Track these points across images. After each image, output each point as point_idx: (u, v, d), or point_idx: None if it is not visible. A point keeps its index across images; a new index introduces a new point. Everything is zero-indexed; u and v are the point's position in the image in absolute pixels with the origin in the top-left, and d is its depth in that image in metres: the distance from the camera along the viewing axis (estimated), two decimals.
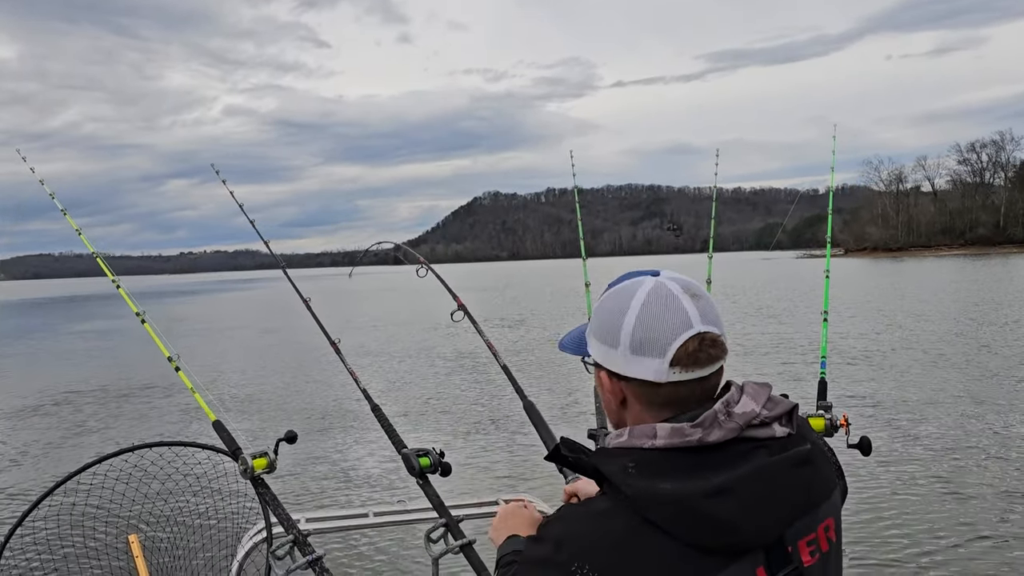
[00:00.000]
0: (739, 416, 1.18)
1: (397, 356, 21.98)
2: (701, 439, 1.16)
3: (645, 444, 1.19)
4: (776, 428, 1.22)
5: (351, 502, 8.34)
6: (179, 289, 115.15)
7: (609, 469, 1.17)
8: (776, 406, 1.23)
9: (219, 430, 2.57)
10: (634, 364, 1.22)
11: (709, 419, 1.17)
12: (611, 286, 1.31)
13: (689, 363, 1.19)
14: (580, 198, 4.16)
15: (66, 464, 10.04)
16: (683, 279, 1.27)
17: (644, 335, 1.20)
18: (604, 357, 1.28)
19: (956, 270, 62.13)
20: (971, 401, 12.57)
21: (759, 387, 1.25)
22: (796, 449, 1.22)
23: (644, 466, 1.16)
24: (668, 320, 1.20)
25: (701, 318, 1.21)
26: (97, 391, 17.36)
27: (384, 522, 2.91)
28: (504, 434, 11.64)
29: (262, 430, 12.37)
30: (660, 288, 1.24)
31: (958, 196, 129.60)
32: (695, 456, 1.16)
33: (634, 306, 1.22)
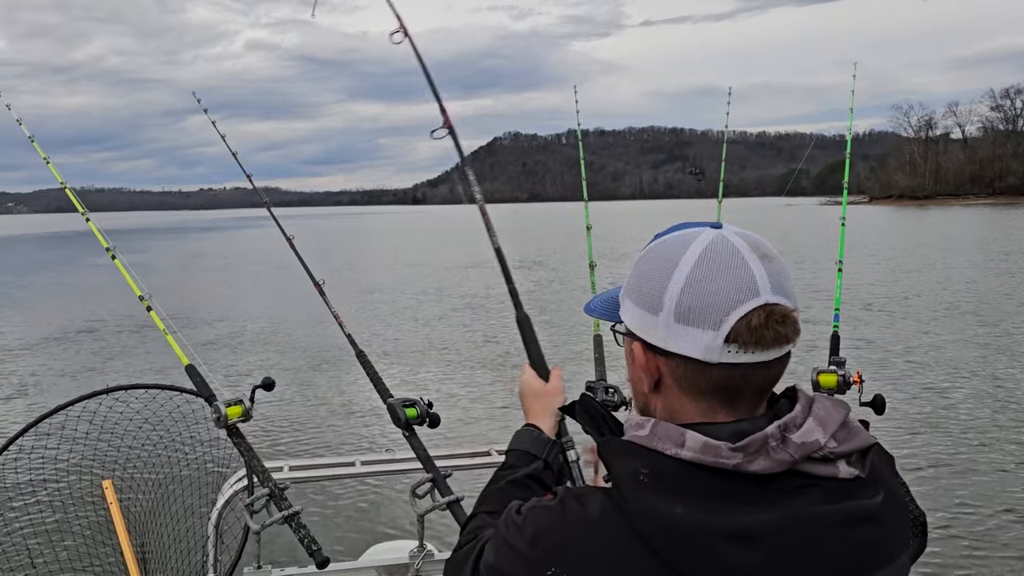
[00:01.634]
0: (795, 447, 0.93)
1: (402, 297, 21.97)
2: (739, 466, 0.92)
3: (667, 450, 0.95)
4: (841, 467, 0.96)
5: (338, 451, 8.26)
6: (198, 226, 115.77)
7: (618, 471, 0.96)
8: (849, 439, 0.97)
9: (191, 374, 2.45)
10: (678, 336, 0.97)
11: (756, 444, 0.92)
12: (658, 236, 1.06)
13: (750, 341, 0.94)
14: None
15: (42, 404, 9.95)
16: (750, 235, 1.01)
17: (695, 300, 0.95)
18: (640, 325, 1.02)
19: (982, 220, 61.10)
20: (990, 356, 12.34)
21: (833, 408, 0.99)
22: (860, 501, 0.95)
23: (659, 477, 0.93)
24: (728, 283, 0.95)
25: (771, 285, 0.96)
26: (90, 330, 17.40)
27: (370, 472, 2.80)
28: (498, 376, 11.57)
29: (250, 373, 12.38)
30: (721, 242, 0.98)
31: (989, 144, 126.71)
32: (725, 480, 0.92)
33: (685, 262, 0.97)
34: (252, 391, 2.38)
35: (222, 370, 12.46)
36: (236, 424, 2.35)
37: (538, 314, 17.86)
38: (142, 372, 12.60)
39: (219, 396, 2.44)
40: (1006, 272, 23.53)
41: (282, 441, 8.61)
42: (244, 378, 11.99)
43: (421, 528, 2.53)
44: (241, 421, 2.35)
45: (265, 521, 2.29)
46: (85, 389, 2.74)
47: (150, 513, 2.90)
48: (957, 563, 5.58)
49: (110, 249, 2.63)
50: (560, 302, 19.90)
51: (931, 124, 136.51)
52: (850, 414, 1.01)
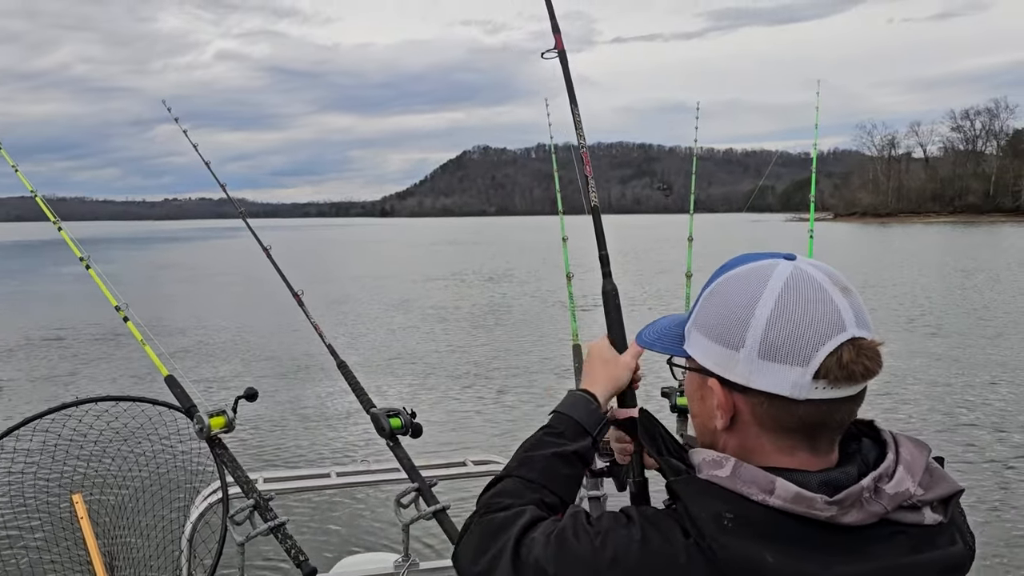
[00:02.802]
0: (889, 498, 0.92)
1: (372, 308, 21.85)
2: (832, 518, 0.90)
3: (755, 496, 0.92)
4: (927, 514, 0.95)
5: (314, 462, 8.17)
6: (163, 236, 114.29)
7: (699, 513, 0.92)
8: (934, 485, 0.97)
9: (172, 385, 2.41)
10: (763, 373, 0.94)
11: (852, 498, 0.91)
12: (726, 268, 1.03)
13: (840, 377, 0.92)
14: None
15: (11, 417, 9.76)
16: (826, 267, 0.99)
17: (782, 336, 0.92)
18: (718, 361, 0.99)
19: (942, 237, 62.36)
20: (969, 371, 12.56)
21: (917, 450, 0.98)
22: (948, 550, 0.95)
23: (746, 523, 0.90)
24: (815, 318, 0.92)
25: (856, 319, 0.94)
26: (57, 339, 17.06)
27: (348, 483, 2.78)
28: (476, 390, 11.56)
29: (223, 380, 12.20)
30: (801, 276, 0.96)
31: (949, 163, 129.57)
32: (817, 530, 0.90)
33: (768, 296, 0.94)
34: (235, 401, 2.35)
35: (195, 380, 12.27)
36: (218, 435, 2.32)
37: (516, 326, 17.90)
38: (115, 382, 12.42)
39: (199, 407, 2.41)
40: (965, 288, 24.02)
41: (256, 452, 8.50)
42: (219, 388, 11.84)
43: (406, 538, 2.51)
44: (224, 432, 2.32)
45: (249, 533, 2.26)
46: (54, 400, 2.67)
47: (121, 527, 2.83)
48: None
49: (84, 259, 2.59)
50: (537, 313, 19.94)
51: (894, 143, 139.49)
52: (931, 455, 1.00)
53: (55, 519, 2.85)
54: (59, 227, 2.68)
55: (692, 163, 4.56)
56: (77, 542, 2.83)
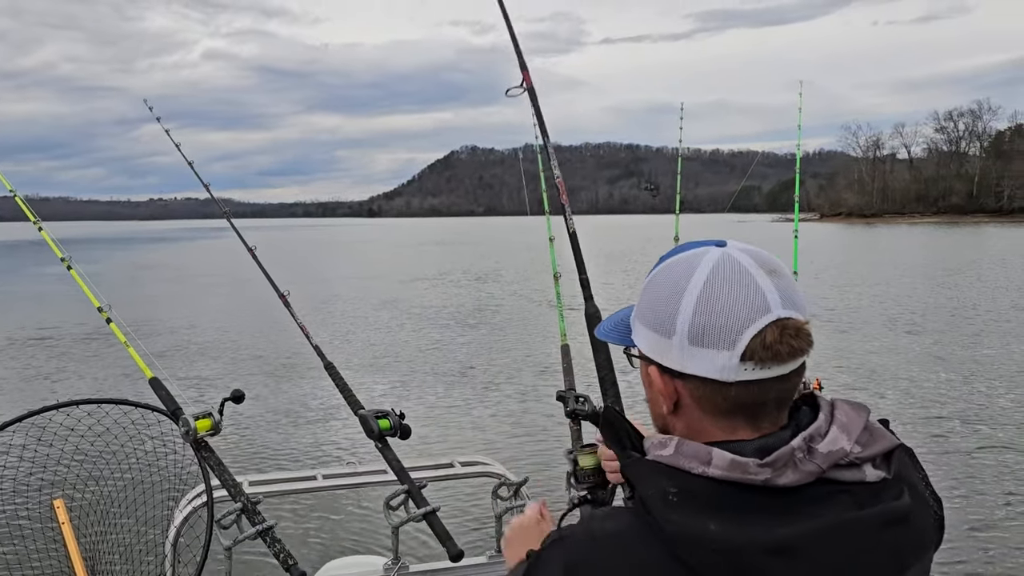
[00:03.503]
0: (822, 457, 0.94)
1: (359, 308, 21.77)
2: (768, 481, 0.92)
3: (695, 469, 0.95)
4: (868, 471, 0.97)
5: (301, 464, 8.09)
6: (148, 237, 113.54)
7: (646, 491, 0.95)
8: (873, 442, 0.98)
9: (156, 388, 2.37)
10: (694, 358, 0.97)
11: (784, 458, 0.93)
12: (664, 259, 1.06)
13: (766, 357, 0.94)
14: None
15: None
16: (756, 250, 1.02)
17: (708, 321, 0.95)
18: (655, 349, 1.02)
19: (926, 238, 62.84)
20: (946, 366, 12.70)
21: (853, 411, 1.00)
22: (891, 504, 0.96)
23: (690, 496, 0.93)
24: (739, 302, 0.95)
25: (782, 300, 0.96)
26: (39, 340, 16.91)
27: (334, 485, 2.75)
28: (463, 390, 11.53)
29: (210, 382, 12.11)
30: (728, 261, 0.98)
31: (933, 164, 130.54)
32: (757, 496, 0.92)
33: (695, 284, 0.97)
34: (221, 403, 2.33)
35: (181, 382, 12.17)
36: (205, 438, 2.29)
37: (503, 325, 17.88)
38: (97, 384, 12.27)
39: (185, 409, 2.37)
40: (949, 286, 24.21)
41: (242, 454, 8.42)
42: (207, 387, 11.75)
43: (396, 540, 2.48)
44: (210, 435, 2.29)
45: (237, 537, 2.22)
46: (36, 403, 2.62)
47: (104, 532, 2.78)
48: None
49: (65, 259, 2.55)
50: (524, 313, 19.93)
51: (878, 144, 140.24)
52: (870, 415, 1.02)
53: (36, 525, 2.80)
54: (39, 227, 2.64)
55: (679, 164, 4.55)
56: (59, 548, 2.78)
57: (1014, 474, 7.62)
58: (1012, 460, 8.07)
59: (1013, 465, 7.87)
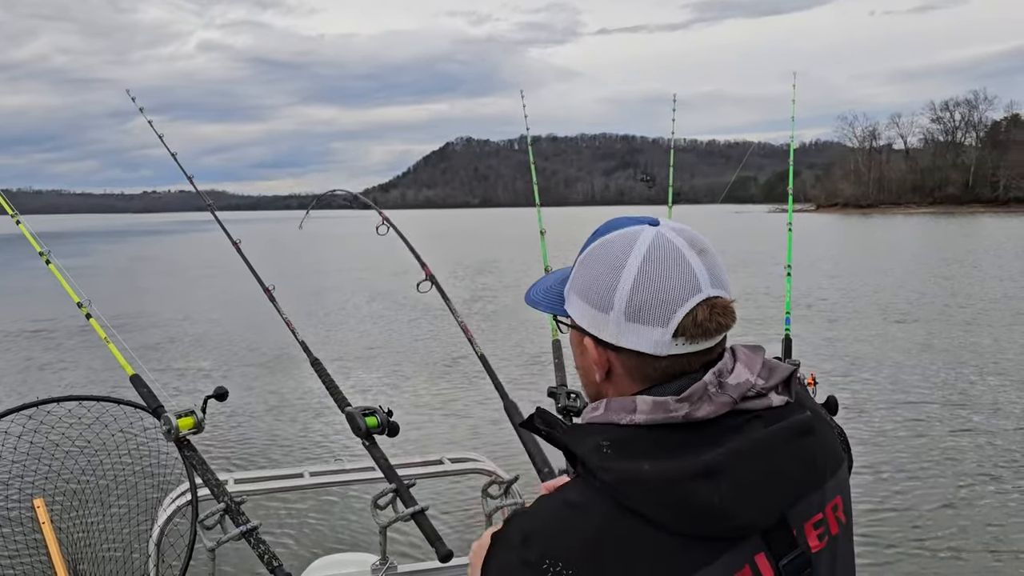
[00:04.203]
0: (732, 388, 1.02)
1: (349, 300, 21.72)
2: (688, 415, 0.99)
3: (623, 420, 1.02)
4: (773, 397, 1.05)
5: (287, 462, 7.99)
6: (141, 229, 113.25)
7: (582, 450, 1.01)
8: (772, 373, 1.07)
9: (137, 385, 2.32)
10: (629, 333, 1.03)
11: (698, 392, 1.00)
12: (599, 234, 1.10)
13: (696, 334, 1.02)
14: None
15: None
16: (686, 230, 1.07)
17: (644, 299, 1.01)
18: (591, 322, 1.08)
19: (922, 228, 62.93)
20: (934, 354, 12.78)
21: (752, 352, 1.09)
22: (795, 417, 1.05)
23: (621, 445, 0.99)
24: (673, 282, 1.02)
25: (710, 279, 1.03)
26: (19, 335, 16.81)
27: (322, 483, 2.70)
28: (452, 386, 11.49)
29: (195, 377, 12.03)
30: (662, 241, 1.04)
31: (929, 155, 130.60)
32: (681, 433, 1.00)
33: (632, 263, 1.03)
34: (204, 401, 2.27)
35: (168, 378, 12.14)
36: (187, 436, 2.23)
37: (494, 319, 17.83)
38: (82, 381, 12.16)
39: (167, 407, 2.32)
40: (944, 277, 24.23)
41: (227, 452, 8.34)
42: (194, 381, 11.69)
43: (384, 540, 2.44)
44: (192, 433, 2.24)
45: (220, 538, 2.17)
46: (15, 400, 2.57)
47: (86, 533, 2.73)
48: (897, 557, 5.85)
49: (44, 253, 2.49)
50: (516, 307, 19.87)
51: (875, 135, 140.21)
52: (764, 353, 1.10)
53: (15, 526, 2.74)
54: (17, 220, 2.58)
55: (676, 154, 4.50)
56: (39, 549, 2.72)
57: (990, 458, 7.82)
58: (985, 442, 8.27)
59: (987, 447, 8.13)
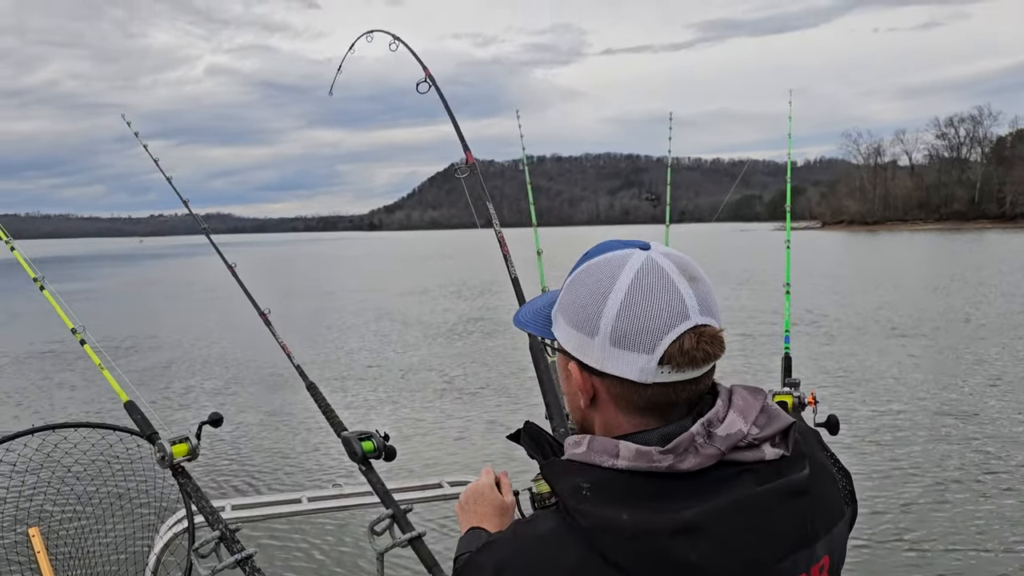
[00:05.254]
0: (721, 440, 0.97)
1: (349, 322, 21.75)
2: (672, 466, 0.96)
3: (604, 463, 0.98)
4: (767, 449, 1.00)
5: (285, 486, 7.95)
6: (146, 253, 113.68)
7: (561, 488, 0.99)
8: (770, 423, 1.02)
9: (132, 412, 2.31)
10: (614, 359, 1.00)
11: (684, 444, 0.96)
12: (588, 256, 1.08)
13: (682, 362, 0.98)
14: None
15: None
16: (677, 255, 1.05)
17: (630, 325, 0.98)
18: (576, 346, 1.05)
19: (929, 245, 62.78)
20: (937, 373, 12.67)
21: (750, 395, 1.04)
22: (789, 477, 1.00)
23: (601, 489, 0.96)
24: (660, 308, 0.98)
25: (700, 307, 1.00)
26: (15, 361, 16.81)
27: (319, 508, 2.68)
28: (452, 404, 11.46)
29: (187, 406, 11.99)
30: (651, 266, 1.01)
31: (935, 171, 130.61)
32: (663, 482, 0.96)
33: (619, 287, 1.00)
34: (199, 427, 2.26)
35: (162, 403, 12.14)
36: (182, 463, 2.22)
37: (488, 339, 17.81)
38: (76, 407, 12.16)
39: (162, 434, 2.31)
40: (952, 294, 24.12)
41: (222, 477, 8.29)
42: (191, 406, 11.67)
43: (381, 567, 2.41)
44: (187, 460, 2.22)
45: (216, 566, 2.16)
46: (11, 427, 2.56)
47: (82, 561, 2.71)
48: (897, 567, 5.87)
49: (38, 279, 2.49)
50: (513, 330, 19.80)
51: (879, 151, 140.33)
52: (768, 399, 1.05)
53: (11, 555, 2.73)
54: (11, 247, 2.59)
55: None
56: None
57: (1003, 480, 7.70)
58: (996, 462, 8.17)
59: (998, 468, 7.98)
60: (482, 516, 1.49)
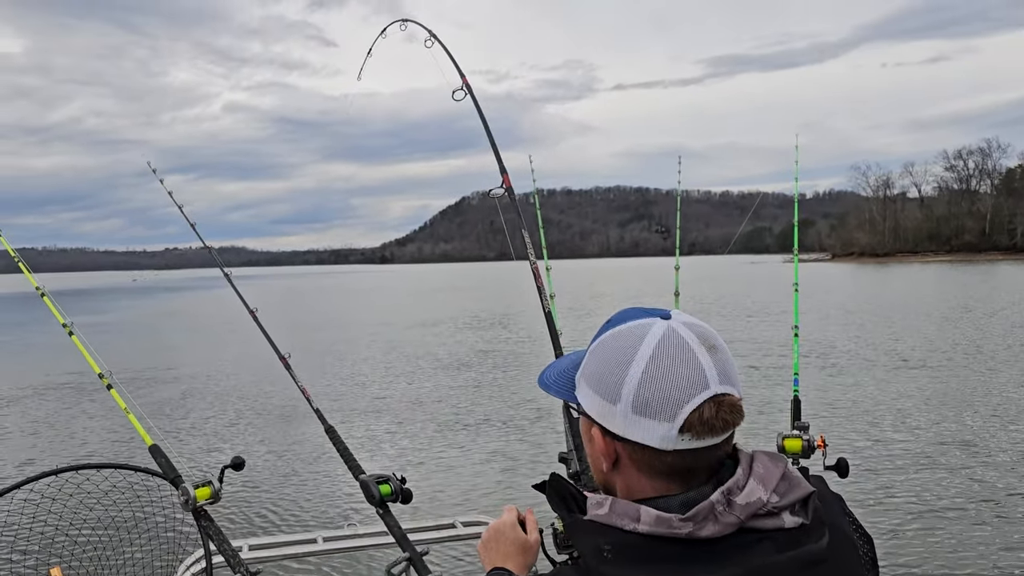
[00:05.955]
0: (740, 508, 1.01)
1: (363, 356, 21.79)
2: (691, 534, 0.99)
3: (626, 526, 1.02)
4: (786, 518, 1.03)
5: (302, 526, 7.94)
6: (162, 286, 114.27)
7: (583, 548, 1.03)
8: (790, 491, 1.05)
9: (156, 455, 2.36)
10: (636, 426, 1.04)
11: (703, 512, 1.00)
12: (611, 324, 1.12)
13: (702, 431, 1.02)
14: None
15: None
16: (698, 325, 1.08)
17: (651, 394, 1.02)
18: (599, 412, 1.08)
19: (941, 277, 62.47)
20: (948, 412, 12.48)
21: (771, 463, 1.07)
22: (808, 547, 1.03)
23: (621, 552, 1.00)
24: (681, 378, 1.02)
25: (719, 376, 1.03)
26: (40, 397, 16.96)
27: (336, 548, 2.72)
28: (467, 441, 11.44)
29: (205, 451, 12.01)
30: (672, 336, 1.05)
31: (944, 203, 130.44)
32: (683, 547, 0.99)
33: (641, 356, 1.04)
34: (221, 471, 2.31)
35: (175, 433, 12.18)
36: (204, 507, 2.27)
37: (506, 376, 17.79)
38: (95, 437, 12.26)
39: (184, 475, 2.37)
40: (965, 328, 23.96)
41: (240, 514, 8.32)
42: (207, 445, 11.69)
43: None
44: (210, 503, 2.27)
45: None
46: (36, 464, 2.59)
47: None
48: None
49: (67, 325, 2.56)
50: (533, 361, 19.82)
51: (888, 183, 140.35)
52: (788, 466, 1.08)
53: None
54: (42, 293, 2.67)
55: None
56: None
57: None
58: (1004, 496, 8.06)
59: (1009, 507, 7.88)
60: (505, 555, 1.50)
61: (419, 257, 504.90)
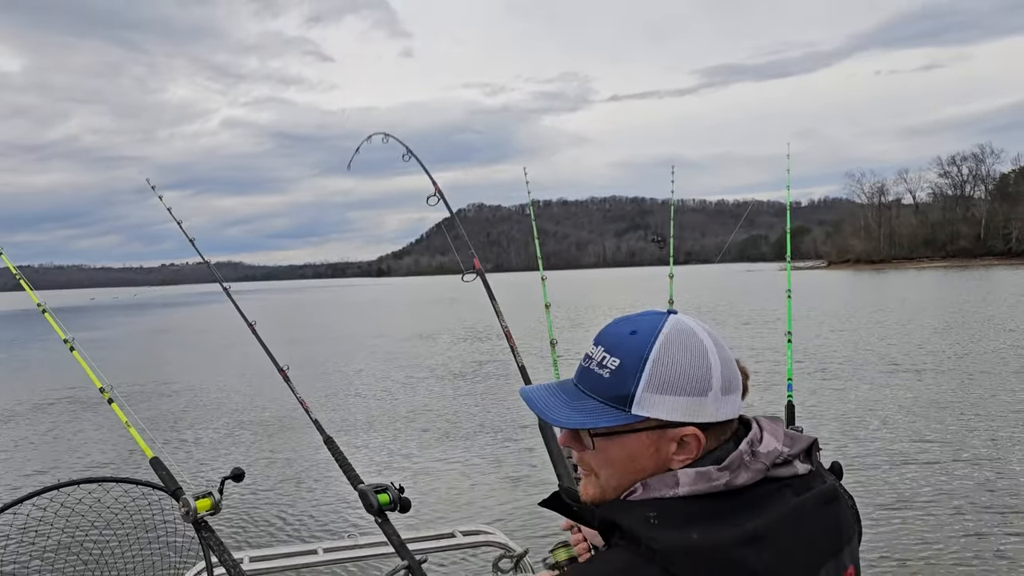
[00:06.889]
0: (764, 456, 1.11)
1: (362, 366, 21.75)
2: (728, 483, 1.08)
3: (667, 494, 1.09)
4: (798, 465, 1.15)
5: (300, 537, 7.94)
6: (159, 302, 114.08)
7: (628, 522, 1.07)
8: (795, 442, 1.17)
9: (157, 468, 2.39)
10: (724, 405, 1.13)
11: (736, 461, 1.09)
12: (625, 330, 1.14)
13: (744, 394, 1.18)
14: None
15: None
16: (693, 319, 1.21)
17: (728, 373, 1.14)
18: (690, 410, 1.10)
19: (936, 283, 62.60)
20: (942, 411, 12.55)
21: (773, 422, 1.19)
22: (821, 487, 1.15)
23: (667, 515, 1.06)
24: (728, 355, 1.17)
25: None
26: (40, 412, 16.97)
27: (336, 559, 2.74)
28: (466, 450, 11.45)
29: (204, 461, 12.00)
30: (697, 325, 1.17)
31: (939, 209, 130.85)
32: (720, 501, 1.08)
33: (708, 346, 1.14)
34: (221, 483, 2.33)
35: (175, 445, 12.17)
36: (205, 518, 2.30)
37: (505, 385, 17.79)
38: (95, 448, 12.25)
39: (184, 487, 2.39)
40: (960, 334, 24.02)
41: (239, 525, 8.31)
42: (206, 456, 11.68)
43: None
44: (210, 514, 2.29)
45: None
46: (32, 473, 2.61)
47: None
48: None
49: (68, 341, 2.59)
50: (530, 372, 19.77)
51: (883, 190, 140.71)
52: (784, 424, 1.21)
53: None
54: (43, 310, 2.70)
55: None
56: None
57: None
58: (1001, 504, 8.07)
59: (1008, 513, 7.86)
60: None
61: (415, 269, 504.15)
